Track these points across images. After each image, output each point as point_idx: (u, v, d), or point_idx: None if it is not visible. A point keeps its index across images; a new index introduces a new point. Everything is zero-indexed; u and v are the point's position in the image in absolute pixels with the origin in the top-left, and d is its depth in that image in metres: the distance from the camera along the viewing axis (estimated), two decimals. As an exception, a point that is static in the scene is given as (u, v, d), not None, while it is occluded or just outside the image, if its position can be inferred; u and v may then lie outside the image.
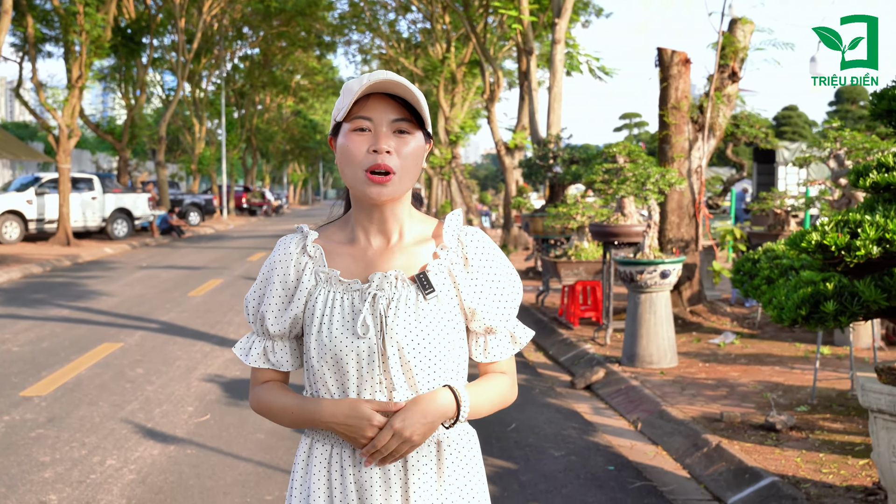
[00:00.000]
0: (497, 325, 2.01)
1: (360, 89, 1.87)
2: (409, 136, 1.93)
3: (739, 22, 11.22)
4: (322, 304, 1.93)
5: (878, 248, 3.92)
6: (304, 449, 2.00)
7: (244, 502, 4.80)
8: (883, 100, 4.30)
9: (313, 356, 1.92)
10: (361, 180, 1.90)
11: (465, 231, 2.01)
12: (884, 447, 4.11)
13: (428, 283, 1.92)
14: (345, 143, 1.92)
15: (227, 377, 7.89)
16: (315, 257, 1.98)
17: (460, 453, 1.99)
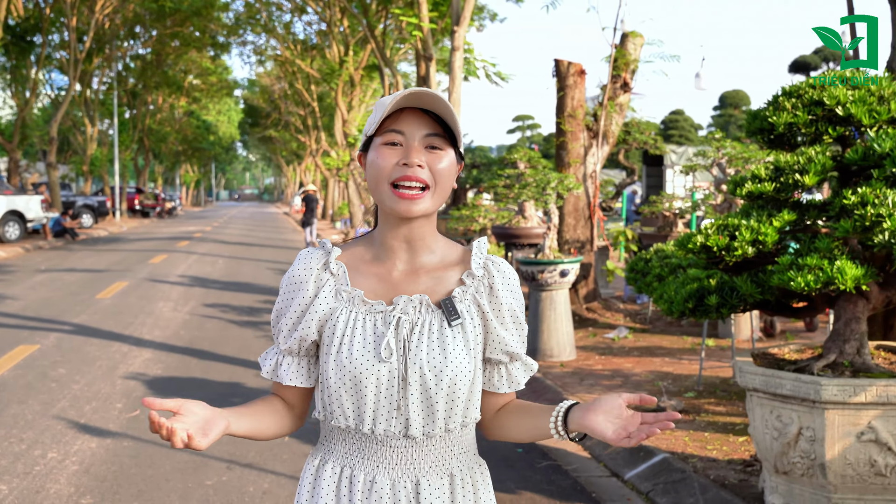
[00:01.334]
0: (518, 352, 2.00)
1: (393, 102, 1.83)
2: (441, 153, 1.88)
3: (630, 36, 11.94)
4: (343, 324, 1.89)
5: (752, 248, 4.53)
6: (312, 469, 1.96)
7: (186, 487, 5.17)
8: (756, 119, 4.91)
9: (331, 377, 1.88)
10: (390, 195, 1.85)
11: (493, 260, 1.99)
12: (758, 421, 4.72)
13: (453, 310, 1.89)
14: (374, 157, 1.87)
15: (150, 375, 8.17)
16: (338, 275, 1.93)
17: (473, 486, 1.96)
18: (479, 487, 1.97)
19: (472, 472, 1.97)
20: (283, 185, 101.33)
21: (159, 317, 11.79)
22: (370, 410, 1.86)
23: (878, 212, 4.21)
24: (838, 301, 4.72)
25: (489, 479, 2.02)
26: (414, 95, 1.83)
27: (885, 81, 4.68)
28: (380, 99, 1.91)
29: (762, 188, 4.59)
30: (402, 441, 1.87)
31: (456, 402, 1.89)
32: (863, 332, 4.69)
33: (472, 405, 1.94)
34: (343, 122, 33.47)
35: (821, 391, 4.31)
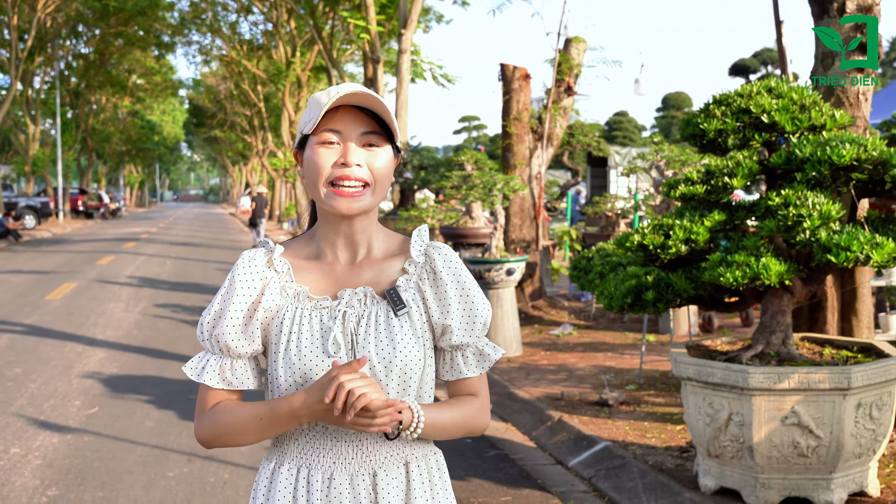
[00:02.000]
0: (465, 341, 1.96)
1: (329, 102, 1.82)
2: (379, 149, 1.89)
3: (574, 41, 12.28)
4: (290, 321, 1.88)
5: (685, 246, 4.84)
6: (267, 473, 1.93)
7: (148, 479, 5.36)
8: (689, 125, 5.24)
9: (280, 375, 1.86)
10: (329, 194, 1.86)
11: (433, 246, 1.98)
12: (692, 408, 5.04)
13: (399, 300, 1.89)
14: (312, 157, 1.87)
15: (106, 374, 8.31)
16: (282, 272, 1.92)
17: (429, 473, 1.95)
18: (435, 475, 1.97)
19: (428, 461, 1.96)
20: (229, 186, 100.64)
21: (111, 317, 11.88)
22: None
23: (800, 212, 4.55)
24: (765, 295, 5.06)
25: (444, 466, 2.00)
26: (349, 95, 1.83)
27: (805, 91, 5.03)
28: (313, 96, 1.89)
29: (694, 190, 4.91)
30: (356, 435, 1.86)
31: (408, 391, 1.88)
32: (788, 324, 5.03)
33: (424, 394, 1.94)
34: (290, 122, 33.55)
35: (748, 379, 4.64)
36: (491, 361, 2.00)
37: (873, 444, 4.80)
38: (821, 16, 5.98)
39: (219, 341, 1.89)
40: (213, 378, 1.89)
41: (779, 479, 4.76)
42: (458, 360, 1.98)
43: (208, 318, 1.92)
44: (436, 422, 1.90)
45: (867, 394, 4.70)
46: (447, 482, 2.01)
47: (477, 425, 2.01)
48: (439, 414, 1.92)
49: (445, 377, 2.01)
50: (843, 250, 4.45)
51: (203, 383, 1.91)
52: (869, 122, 11.74)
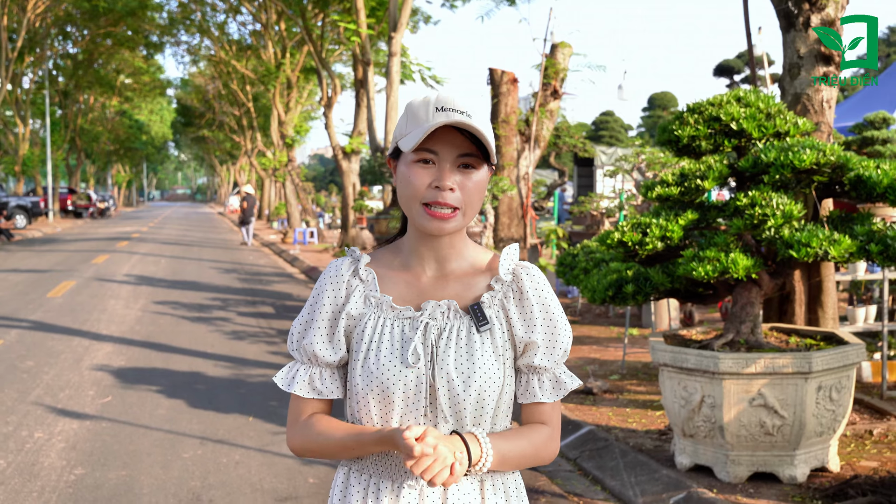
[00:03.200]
0: (544, 364, 1.92)
1: (430, 127, 1.78)
2: (474, 171, 1.86)
3: (560, 46, 12.73)
4: (371, 329, 1.88)
5: (661, 243, 5.29)
6: (341, 480, 1.94)
7: (166, 459, 5.78)
8: (665, 132, 5.68)
9: (358, 383, 1.86)
10: (421, 214, 1.83)
11: (522, 266, 1.96)
12: (668, 393, 5.48)
13: (482, 316, 1.87)
14: (407, 174, 1.84)
15: (115, 366, 8.70)
16: (367, 281, 1.92)
17: (505, 493, 1.93)
18: (511, 494, 1.94)
19: (505, 479, 1.93)
20: (217, 186, 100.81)
21: (113, 314, 12.27)
22: (397, 417, 1.84)
23: (764, 212, 5.00)
24: (736, 288, 5.51)
25: (522, 486, 1.99)
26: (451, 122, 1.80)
27: (771, 100, 5.48)
28: (411, 105, 1.88)
29: (669, 192, 5.36)
30: None
31: (484, 408, 1.86)
32: (756, 314, 5.48)
33: (500, 412, 1.90)
34: (280, 122, 33.84)
35: (719, 364, 5.08)
36: (567, 390, 1.96)
37: (833, 424, 5.25)
38: (788, 29, 6.43)
39: (307, 350, 1.92)
40: (302, 388, 1.93)
41: (747, 455, 5.20)
42: (534, 383, 1.94)
43: (298, 327, 1.95)
44: (505, 455, 1.85)
45: (827, 377, 5.15)
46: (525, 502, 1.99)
47: (545, 455, 1.95)
48: (508, 446, 1.86)
49: (519, 400, 1.97)
50: (804, 246, 4.90)
51: (293, 393, 1.95)
52: (845, 124, 12.20)
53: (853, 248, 5.00)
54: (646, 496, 5.23)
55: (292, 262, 21.18)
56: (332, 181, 67.28)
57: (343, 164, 23.33)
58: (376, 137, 19.39)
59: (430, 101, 1.83)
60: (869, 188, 5.21)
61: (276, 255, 23.86)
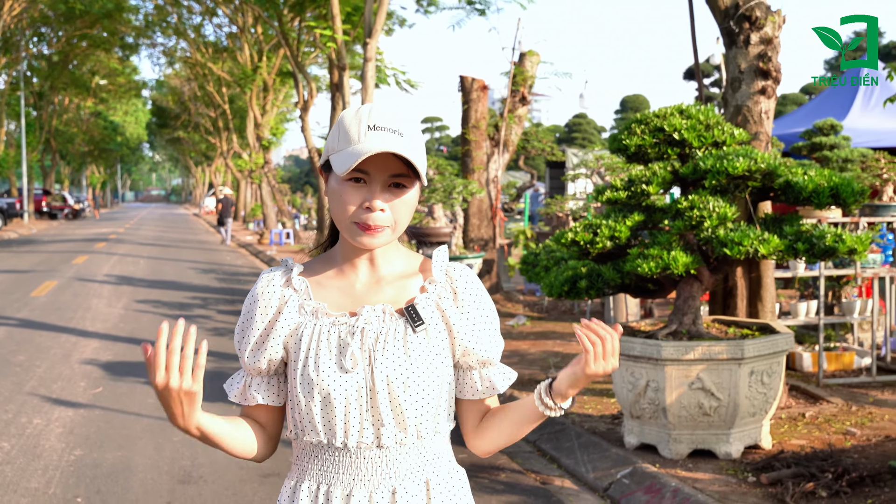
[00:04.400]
0: (491, 357, 1.97)
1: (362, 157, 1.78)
2: (406, 190, 1.87)
3: (528, 55, 13.29)
4: (308, 337, 1.89)
5: (611, 242, 5.84)
6: (289, 490, 1.95)
7: (157, 442, 6.27)
8: (615, 140, 6.23)
9: (298, 391, 1.87)
10: (352, 230, 1.86)
11: (453, 266, 1.99)
12: (618, 378, 6.02)
13: (417, 316, 1.89)
14: (338, 192, 1.86)
15: (103, 360, 9.17)
16: (300, 290, 1.94)
17: (450, 492, 1.94)
18: (457, 493, 1.96)
19: (450, 478, 1.96)
20: (192, 187, 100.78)
21: (97, 312, 12.71)
22: (341, 423, 1.85)
23: (702, 214, 5.56)
24: (679, 283, 6.06)
25: (467, 485, 2.02)
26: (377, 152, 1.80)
27: (710, 113, 6.04)
28: (342, 121, 1.88)
29: (617, 195, 5.90)
30: (375, 451, 1.87)
31: (426, 408, 1.88)
32: (697, 307, 6.04)
33: (443, 411, 1.93)
34: (256, 125, 34.17)
35: (661, 351, 5.63)
36: (510, 381, 2.02)
37: (765, 405, 5.82)
38: (730, 46, 7.00)
39: (241, 360, 1.96)
40: (237, 395, 1.97)
41: (687, 434, 5.76)
42: (486, 374, 1.98)
43: (237, 336, 1.98)
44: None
45: (758, 363, 5.71)
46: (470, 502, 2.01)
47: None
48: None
49: (475, 395, 2.00)
50: (737, 245, 5.46)
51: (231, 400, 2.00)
52: (797, 130, 12.82)
53: (782, 246, 5.57)
54: (596, 472, 5.77)
55: (269, 263, 21.63)
56: (308, 182, 67.62)
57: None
58: (351, 140, 19.80)
59: (363, 117, 1.84)
60: (796, 192, 5.79)
61: (253, 256, 24.30)
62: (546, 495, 5.29)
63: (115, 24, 39.30)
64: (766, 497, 5.00)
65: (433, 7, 24.03)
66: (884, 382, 7.65)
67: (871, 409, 6.81)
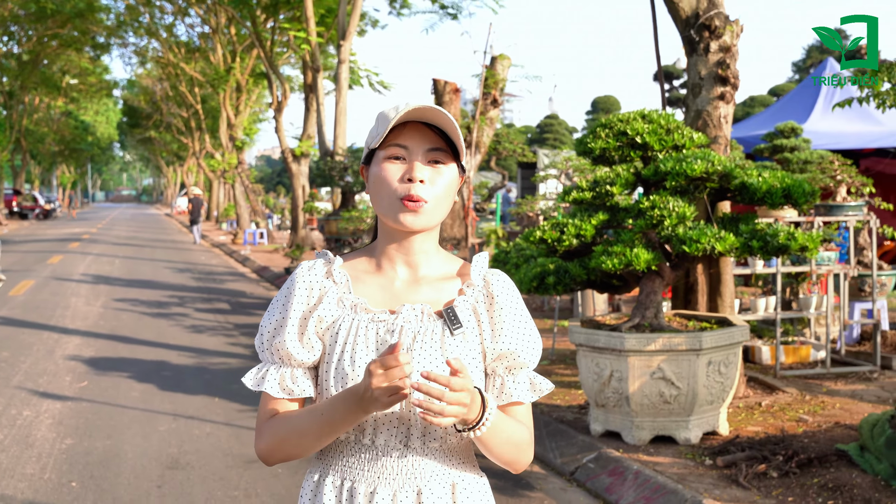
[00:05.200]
0: (519, 365, 1.95)
1: (397, 116, 1.83)
2: (444, 167, 1.90)
3: (499, 58, 13.61)
4: (346, 331, 1.88)
5: (576, 240, 6.17)
6: (312, 484, 1.93)
7: (144, 432, 6.53)
8: (581, 144, 6.56)
9: (332, 386, 1.86)
10: (395, 208, 1.87)
11: (492, 272, 1.99)
12: (584, 369, 6.36)
13: (455, 319, 1.89)
14: (378, 171, 1.89)
15: (86, 356, 9.40)
16: (340, 283, 1.93)
17: (476, 498, 1.92)
18: (482, 499, 1.95)
19: (476, 484, 1.94)
20: (163, 187, 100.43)
21: (76, 310, 12.91)
22: (371, 420, 1.83)
23: (662, 213, 5.90)
24: (642, 279, 6.40)
25: (491, 495, 2.00)
26: (418, 110, 1.85)
27: (671, 118, 6.39)
28: (381, 111, 1.92)
29: (583, 196, 6.24)
30: (402, 451, 1.85)
31: None
32: (659, 301, 6.38)
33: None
34: (229, 125, 34.28)
35: (624, 343, 5.97)
36: (542, 392, 1.98)
37: (722, 394, 6.17)
38: (691, 54, 7.36)
39: (279, 350, 1.91)
40: (273, 387, 1.90)
41: (649, 421, 6.10)
42: (510, 383, 1.95)
43: (268, 327, 1.94)
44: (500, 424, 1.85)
45: (716, 354, 6.07)
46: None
47: (523, 450, 1.96)
48: (503, 418, 1.88)
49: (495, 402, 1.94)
50: (695, 242, 5.80)
51: (264, 392, 1.92)
52: (759, 132, 13.23)
53: (737, 244, 5.93)
54: (564, 457, 6.10)
55: (243, 262, 21.83)
56: (280, 182, 67.70)
57: (293, 167, 23.99)
58: (325, 141, 20.08)
59: (400, 104, 1.87)
60: (751, 193, 6.15)
61: (227, 256, 24.48)
62: (515, 479, 5.61)
63: (87, 23, 39.23)
64: (721, 478, 5.35)
65: (406, 9, 24.34)
66: (837, 374, 8.04)
67: (823, 399, 7.18)
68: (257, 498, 5.21)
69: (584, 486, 5.56)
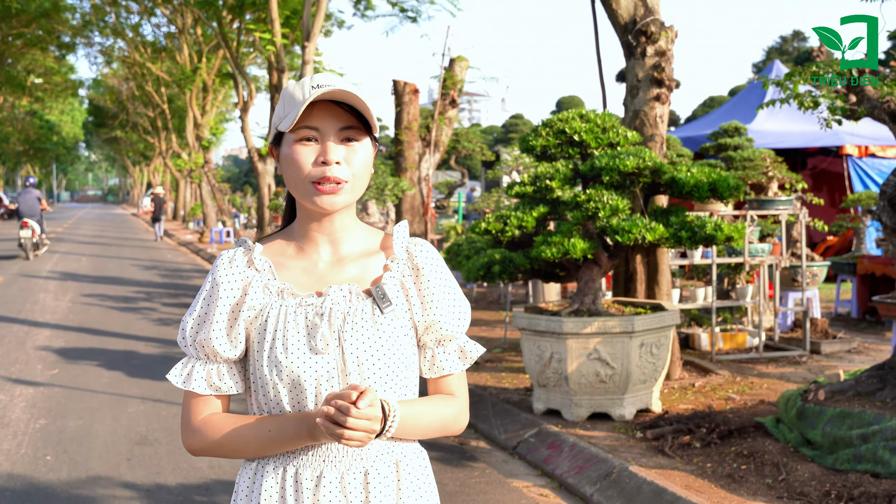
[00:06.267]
0: (447, 337, 1.95)
1: (305, 102, 1.77)
2: (358, 144, 1.85)
3: (457, 60, 14.07)
4: (274, 319, 1.84)
5: (519, 231, 6.64)
6: (249, 473, 1.89)
7: (114, 413, 6.93)
8: (524, 141, 7.03)
9: (266, 375, 1.82)
10: (311, 191, 1.82)
11: (414, 242, 1.96)
12: (527, 352, 6.82)
13: (384, 297, 1.87)
14: (290, 155, 1.83)
15: (56, 347, 9.75)
16: (263, 270, 1.88)
17: (417, 472, 1.93)
18: (423, 473, 1.95)
19: (417, 458, 1.95)
20: (129, 187, 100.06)
21: (45, 305, 13.22)
22: (311, 405, 1.81)
23: (597, 205, 6.37)
24: (581, 268, 6.87)
25: (430, 466, 2.00)
26: (327, 92, 1.79)
27: (607, 117, 6.87)
28: (287, 89, 1.87)
29: (525, 190, 6.71)
30: None
31: (397, 388, 1.87)
32: (597, 288, 6.85)
33: (409, 390, 1.91)
34: (196, 125, 34.50)
35: (563, 326, 6.44)
36: (472, 359, 1.99)
37: (654, 374, 6.65)
38: (629, 57, 7.85)
39: (204, 346, 1.86)
40: (200, 385, 1.86)
41: (587, 399, 6.57)
42: (440, 356, 1.96)
43: (190, 322, 1.89)
44: (411, 421, 1.86)
45: (648, 336, 6.55)
46: (433, 482, 2.01)
47: (454, 426, 1.98)
48: (415, 412, 1.87)
49: (426, 374, 1.98)
50: (626, 232, 6.28)
51: (190, 391, 1.88)
52: (705, 132, 13.75)
53: (667, 234, 6.41)
54: (507, 433, 6.56)
55: (210, 260, 22.15)
56: (247, 182, 67.74)
57: (259, 166, 24.24)
58: (291, 141, 20.43)
59: (306, 82, 1.83)
60: (680, 187, 6.64)
61: (194, 254, 24.78)
62: (461, 452, 6.06)
63: (52, 23, 39.21)
64: (649, 449, 5.83)
65: (370, 11, 24.73)
66: (769, 358, 8.56)
67: (753, 380, 7.70)
68: (220, 469, 5.62)
69: (525, 459, 6.02)
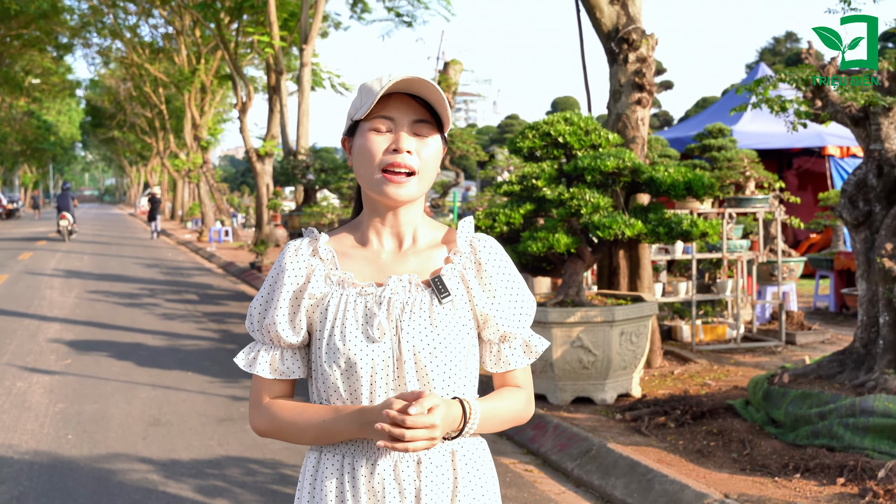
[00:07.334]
0: (511, 332, 1.97)
1: (383, 89, 1.82)
2: (428, 139, 1.89)
3: (451, 63, 14.52)
4: (335, 307, 1.88)
5: (507, 227, 7.09)
6: (312, 464, 1.94)
7: (127, 398, 7.37)
8: (512, 143, 7.49)
9: (324, 362, 1.87)
10: (379, 180, 1.87)
11: (478, 237, 1.98)
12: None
13: (443, 287, 1.89)
14: (362, 143, 1.89)
15: (66, 339, 10.20)
16: (326, 260, 1.93)
17: (475, 463, 1.93)
18: (482, 464, 1.96)
19: (475, 448, 1.95)
20: (126, 187, 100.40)
21: (52, 301, 13.67)
22: (366, 392, 1.85)
23: (580, 203, 6.83)
24: (566, 262, 7.33)
25: (490, 455, 2.02)
26: (404, 82, 1.84)
27: (590, 120, 7.32)
28: (364, 83, 1.91)
29: (512, 188, 7.16)
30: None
31: (451, 378, 1.88)
32: (580, 281, 7.30)
33: (468, 382, 1.94)
34: (194, 125, 34.86)
35: (548, 315, 6.89)
36: (537, 353, 2.02)
37: (634, 361, 7.11)
38: (612, 63, 8.30)
39: (269, 332, 1.92)
40: (265, 369, 1.93)
41: (570, 384, 7.02)
42: (506, 351, 1.99)
43: (257, 308, 1.95)
44: (488, 417, 1.91)
45: (627, 325, 7.00)
46: (493, 472, 2.02)
47: (524, 417, 2.03)
48: (492, 408, 1.93)
49: (492, 369, 2.01)
50: (607, 228, 6.73)
51: (255, 374, 1.95)
52: (690, 133, 14.17)
53: (645, 230, 6.86)
54: (496, 416, 7.01)
55: (209, 259, 22.57)
56: (244, 182, 68.20)
57: (257, 166, 24.67)
58: (289, 141, 20.83)
59: (383, 76, 1.86)
60: (657, 186, 7.10)
61: (194, 253, 25.20)
62: (453, 432, 6.51)
63: (51, 24, 39.50)
64: (627, 429, 6.28)
65: (367, 13, 25.16)
66: (746, 348, 9.02)
67: (729, 368, 8.15)
68: (229, 447, 6.07)
69: (512, 439, 6.46)
